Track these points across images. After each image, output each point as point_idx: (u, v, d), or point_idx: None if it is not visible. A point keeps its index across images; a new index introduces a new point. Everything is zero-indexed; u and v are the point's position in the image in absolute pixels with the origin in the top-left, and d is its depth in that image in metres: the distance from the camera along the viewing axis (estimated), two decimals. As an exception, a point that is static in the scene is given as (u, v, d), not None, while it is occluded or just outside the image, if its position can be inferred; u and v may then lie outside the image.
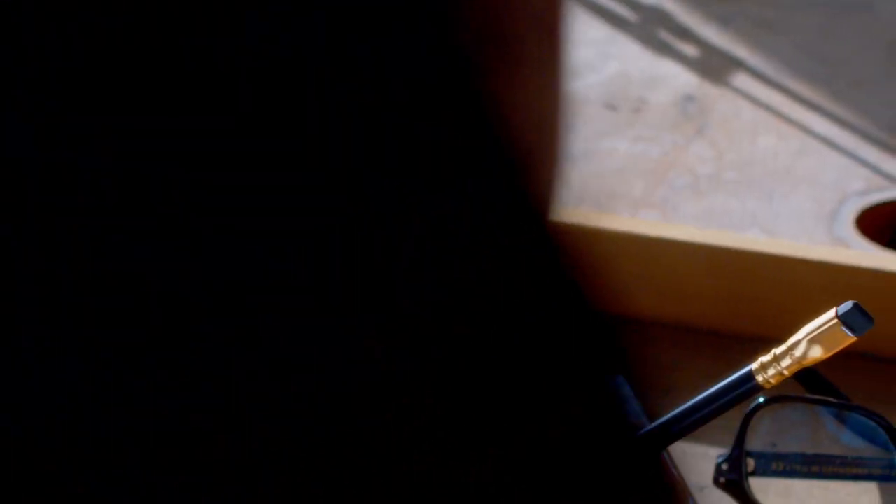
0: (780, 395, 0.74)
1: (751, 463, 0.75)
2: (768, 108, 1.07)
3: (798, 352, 0.61)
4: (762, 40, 1.15)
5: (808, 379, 0.76)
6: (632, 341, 0.85)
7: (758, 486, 0.75)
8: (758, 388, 0.62)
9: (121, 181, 0.31)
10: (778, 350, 0.61)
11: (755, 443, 0.75)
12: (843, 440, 0.76)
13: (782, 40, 1.15)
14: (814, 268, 0.86)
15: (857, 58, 1.13)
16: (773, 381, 0.62)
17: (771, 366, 0.61)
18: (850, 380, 0.80)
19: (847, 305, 0.61)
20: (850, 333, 0.60)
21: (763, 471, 0.76)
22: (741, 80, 1.10)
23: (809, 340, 0.61)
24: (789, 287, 0.85)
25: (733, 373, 0.63)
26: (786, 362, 0.61)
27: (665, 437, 0.64)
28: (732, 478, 0.74)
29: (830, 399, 0.77)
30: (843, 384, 0.79)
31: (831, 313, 0.60)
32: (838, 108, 1.07)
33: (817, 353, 0.61)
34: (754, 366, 0.62)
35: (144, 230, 0.31)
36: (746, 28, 1.16)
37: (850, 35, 1.16)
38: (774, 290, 0.86)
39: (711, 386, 0.65)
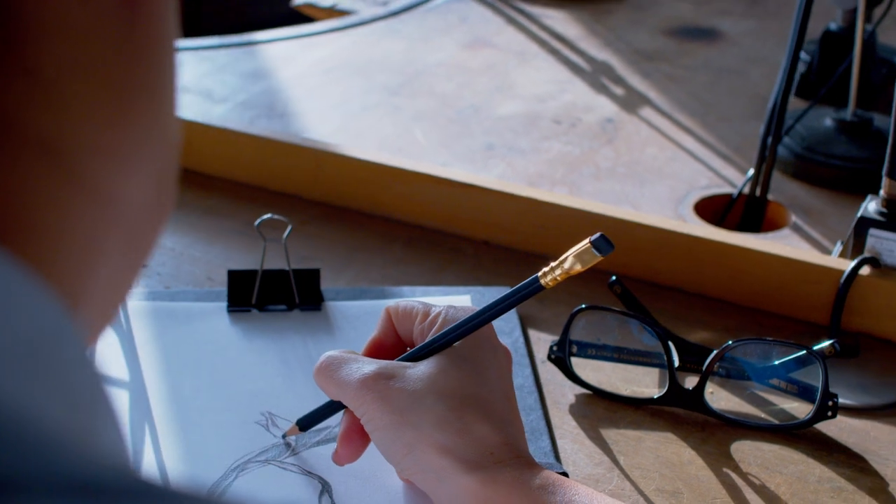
0: (593, 305, 0.84)
1: (574, 348, 0.84)
2: (659, 130, 1.19)
3: (566, 265, 0.66)
4: (667, 88, 1.28)
5: (628, 300, 0.88)
6: (525, 269, 0.99)
7: (579, 363, 0.84)
8: (541, 288, 0.67)
9: None
10: (554, 263, 0.67)
11: (582, 335, 0.84)
12: (643, 340, 0.84)
13: (680, 89, 1.28)
14: (653, 231, 0.94)
15: (727, 103, 1.25)
16: (550, 283, 0.67)
17: (549, 273, 0.67)
18: (666, 305, 0.93)
19: (597, 234, 0.65)
20: (597, 254, 0.65)
21: (582, 354, 0.85)
22: (646, 112, 1.23)
23: (573, 257, 0.66)
24: (649, 242, 0.92)
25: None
26: (558, 271, 0.66)
27: (485, 316, 0.70)
28: (560, 356, 0.84)
29: (628, 311, 0.85)
30: (660, 307, 0.91)
31: (587, 240, 0.65)
32: (705, 133, 1.18)
33: (578, 266, 0.66)
34: (539, 273, 0.68)
35: None
36: (659, 80, 1.30)
37: (726, 89, 1.29)
38: (635, 243, 0.95)
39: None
